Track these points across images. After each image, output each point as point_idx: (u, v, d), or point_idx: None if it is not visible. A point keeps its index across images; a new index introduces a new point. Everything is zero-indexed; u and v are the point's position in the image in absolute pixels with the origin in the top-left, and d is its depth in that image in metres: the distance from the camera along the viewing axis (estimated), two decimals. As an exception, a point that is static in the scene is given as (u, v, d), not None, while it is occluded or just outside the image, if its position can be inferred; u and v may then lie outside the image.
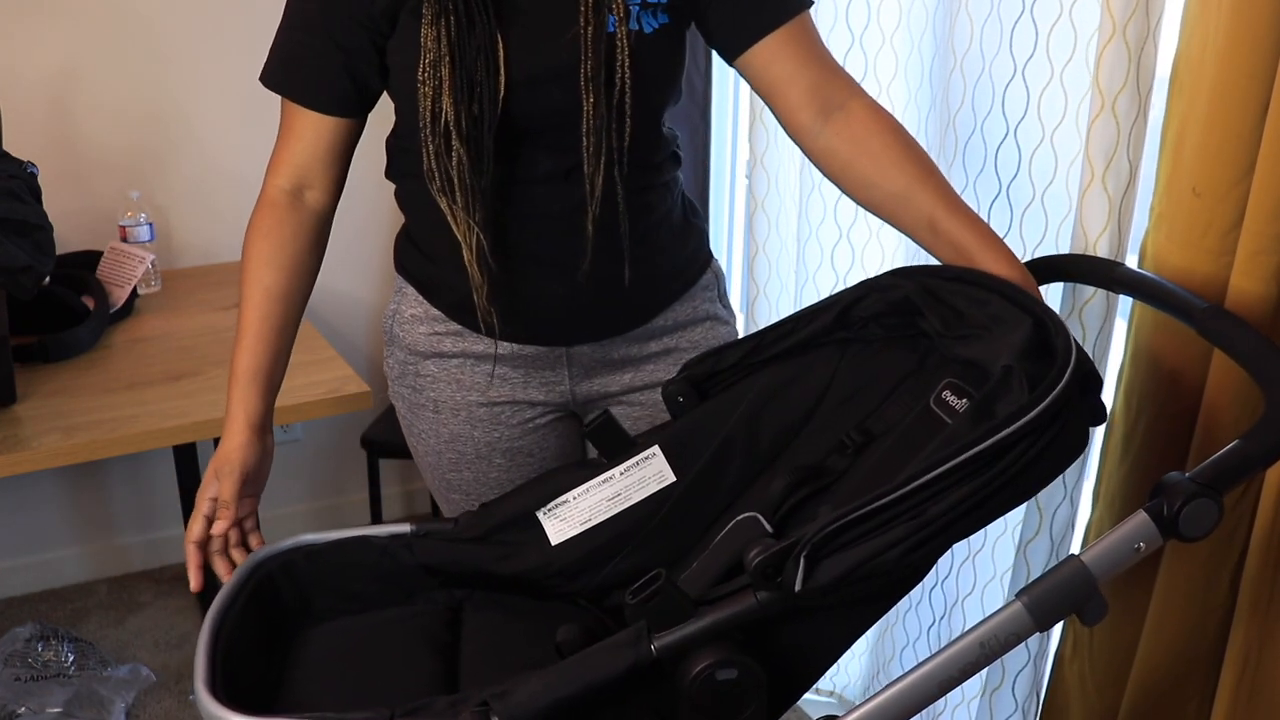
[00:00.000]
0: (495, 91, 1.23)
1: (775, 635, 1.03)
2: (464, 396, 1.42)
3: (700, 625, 0.99)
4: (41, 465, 1.73)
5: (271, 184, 1.35)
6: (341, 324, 2.73)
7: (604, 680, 0.99)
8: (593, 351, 1.41)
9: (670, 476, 1.30)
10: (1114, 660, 1.45)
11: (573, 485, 1.30)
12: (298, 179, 1.34)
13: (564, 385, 1.43)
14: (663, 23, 1.27)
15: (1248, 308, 1.22)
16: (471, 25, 1.22)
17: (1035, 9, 1.49)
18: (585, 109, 1.24)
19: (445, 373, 1.42)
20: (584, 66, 1.23)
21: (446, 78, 1.22)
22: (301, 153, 1.33)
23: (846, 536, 0.97)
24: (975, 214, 1.25)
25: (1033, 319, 1.09)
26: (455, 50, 1.22)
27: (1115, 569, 1.02)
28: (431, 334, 1.42)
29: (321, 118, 1.32)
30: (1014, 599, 1.02)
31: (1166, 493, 1.02)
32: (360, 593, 1.27)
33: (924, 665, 1.02)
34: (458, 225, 1.27)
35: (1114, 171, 1.36)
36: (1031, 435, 0.98)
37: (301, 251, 1.35)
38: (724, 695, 0.99)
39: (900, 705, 1.02)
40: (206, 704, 1.02)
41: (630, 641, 0.99)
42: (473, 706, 0.97)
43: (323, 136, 1.33)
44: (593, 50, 1.23)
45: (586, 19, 1.23)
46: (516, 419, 1.43)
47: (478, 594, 1.30)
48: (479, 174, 1.25)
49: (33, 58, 2.35)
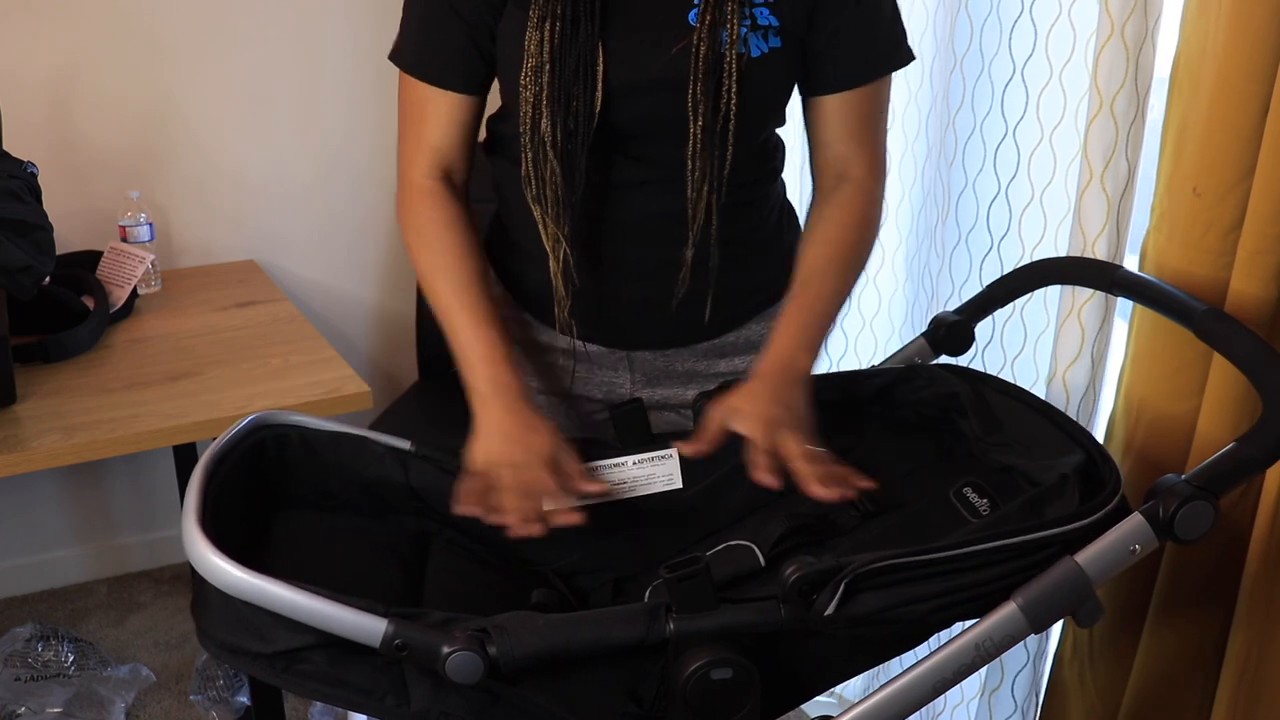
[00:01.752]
0: (591, 106, 1.22)
1: (783, 648, 1.03)
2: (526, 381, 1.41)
3: (719, 621, 0.99)
4: (41, 465, 1.73)
5: (416, 175, 1.31)
6: (341, 324, 2.73)
7: (610, 643, 0.99)
8: (655, 359, 1.40)
9: (679, 482, 1.30)
10: (1114, 661, 1.45)
11: (583, 460, 1.30)
12: (442, 164, 1.31)
13: (625, 389, 1.42)
14: (774, 46, 1.24)
15: (1248, 308, 1.22)
16: (575, 32, 1.20)
17: (1034, 9, 1.49)
18: (692, 132, 1.22)
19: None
20: (693, 88, 1.21)
21: (545, 86, 1.21)
22: (441, 137, 1.31)
23: (888, 578, 0.99)
24: (819, 324, 1.27)
25: (1085, 452, 1.13)
26: (555, 59, 1.20)
27: (1111, 571, 1.02)
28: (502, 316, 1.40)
29: (456, 97, 1.29)
30: (1009, 600, 1.02)
31: (1162, 495, 1.02)
32: (338, 492, 1.25)
33: (919, 666, 1.02)
34: (546, 236, 1.26)
35: (1112, 171, 1.36)
36: (1070, 542, 1.02)
37: (470, 227, 1.32)
38: (716, 695, 0.99)
39: (896, 706, 1.02)
40: (197, 544, 0.98)
41: (649, 614, 0.99)
42: (471, 629, 0.96)
43: (459, 116, 1.30)
44: (704, 71, 1.20)
45: (700, 36, 1.20)
46: (571, 413, 1.43)
47: (447, 532, 1.28)
48: (571, 187, 1.24)
49: (33, 58, 2.34)
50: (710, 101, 1.21)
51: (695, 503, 1.30)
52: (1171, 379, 1.33)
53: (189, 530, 1.00)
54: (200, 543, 0.98)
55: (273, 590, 0.95)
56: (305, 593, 0.95)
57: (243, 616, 0.97)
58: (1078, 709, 1.52)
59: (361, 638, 0.96)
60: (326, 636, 0.96)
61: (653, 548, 1.28)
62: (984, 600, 1.02)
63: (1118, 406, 1.41)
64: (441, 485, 1.27)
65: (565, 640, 0.98)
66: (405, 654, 0.96)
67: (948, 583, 1.00)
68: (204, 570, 0.97)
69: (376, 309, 2.77)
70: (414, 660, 0.97)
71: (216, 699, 2.19)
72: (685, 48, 1.21)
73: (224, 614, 0.98)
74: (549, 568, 1.30)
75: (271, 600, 0.96)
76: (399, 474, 1.27)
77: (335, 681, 0.98)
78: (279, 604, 0.96)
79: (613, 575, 1.30)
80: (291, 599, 0.95)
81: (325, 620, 0.96)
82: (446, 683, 0.96)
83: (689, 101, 1.21)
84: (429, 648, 0.95)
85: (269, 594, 0.96)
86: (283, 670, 0.98)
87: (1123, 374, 1.40)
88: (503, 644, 0.96)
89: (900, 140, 1.87)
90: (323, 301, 2.67)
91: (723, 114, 1.22)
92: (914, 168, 1.86)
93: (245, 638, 0.98)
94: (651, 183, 1.28)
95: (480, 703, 0.99)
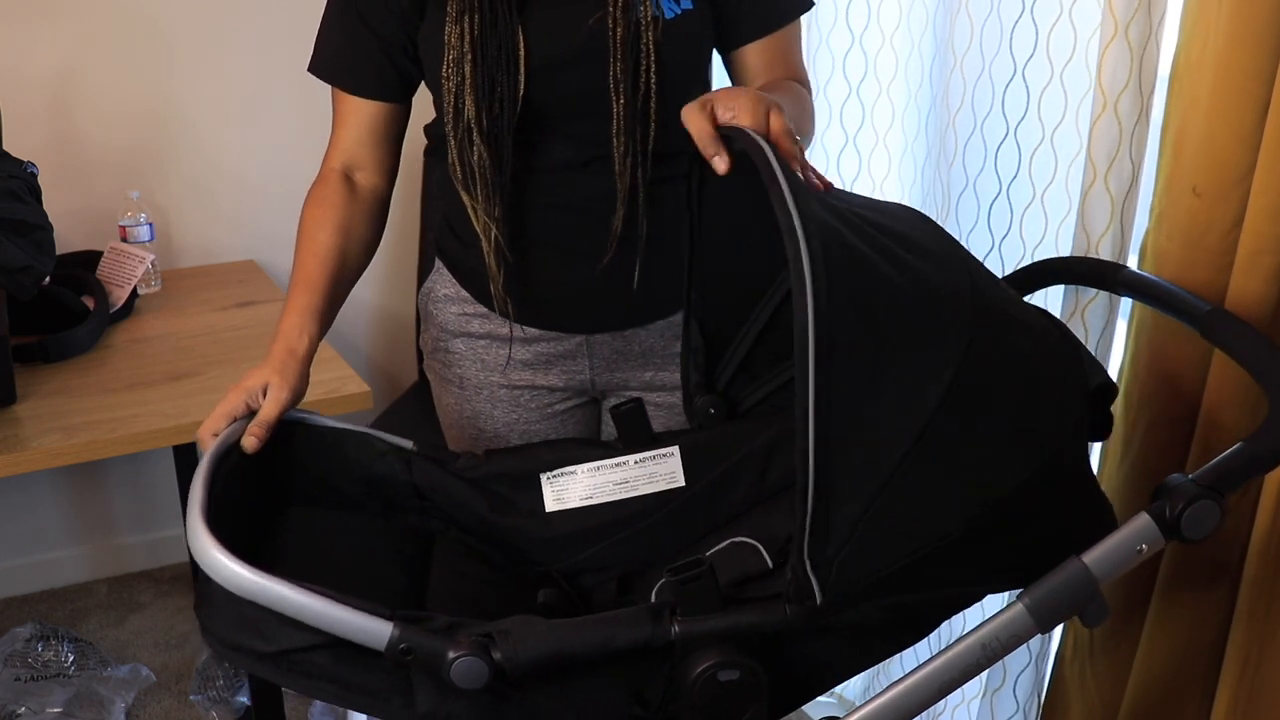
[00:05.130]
0: (515, 88, 1.25)
1: (792, 646, 1.03)
2: (487, 376, 1.44)
3: (724, 622, 0.99)
4: (41, 465, 1.73)
5: (326, 165, 1.39)
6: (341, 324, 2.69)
7: (616, 646, 0.99)
8: (613, 341, 1.42)
9: (681, 480, 1.30)
10: (1114, 661, 1.45)
11: (584, 460, 1.30)
12: (347, 161, 1.38)
13: (585, 375, 1.44)
14: (685, 8, 1.28)
15: (1248, 308, 1.22)
16: (495, 22, 1.24)
17: (1035, 9, 1.49)
18: (615, 109, 1.25)
19: (471, 352, 1.45)
20: (613, 66, 1.25)
21: (469, 75, 1.24)
22: (348, 137, 1.37)
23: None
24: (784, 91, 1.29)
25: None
26: (477, 48, 1.24)
27: (1117, 570, 1.02)
28: (461, 314, 1.44)
29: (363, 102, 1.36)
30: (1015, 600, 1.02)
31: (1169, 494, 1.02)
32: (341, 489, 1.25)
33: (925, 666, 1.02)
34: (477, 219, 1.30)
35: (1116, 171, 1.36)
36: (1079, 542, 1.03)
37: (353, 218, 1.36)
38: (723, 695, 0.99)
39: (901, 706, 1.02)
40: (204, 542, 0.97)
41: (652, 616, 0.99)
42: (476, 634, 0.96)
43: (366, 121, 1.36)
44: (621, 41, 1.24)
45: (615, 4, 1.24)
46: (535, 403, 1.45)
47: (452, 531, 1.29)
48: (499, 169, 1.28)
49: (33, 57, 2.34)
50: (630, 74, 1.25)
51: (698, 500, 1.30)
52: (1172, 379, 1.33)
53: (194, 527, 0.99)
54: (206, 540, 0.98)
55: (278, 590, 0.95)
56: (311, 593, 0.95)
57: (247, 615, 0.97)
58: (1078, 708, 1.52)
59: (367, 641, 0.96)
60: (331, 637, 0.96)
61: (657, 546, 1.28)
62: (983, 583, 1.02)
63: (1118, 406, 1.41)
64: (444, 485, 1.27)
65: (570, 644, 0.98)
66: (410, 658, 0.96)
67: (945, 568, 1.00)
68: (210, 568, 0.97)
69: (376, 309, 2.77)
70: (419, 665, 0.97)
71: (216, 699, 2.19)
72: (602, 17, 1.24)
73: (228, 612, 0.98)
74: (553, 567, 1.30)
75: (277, 600, 0.95)
76: (403, 472, 1.27)
77: (340, 682, 0.98)
78: (284, 604, 0.95)
79: (617, 574, 1.31)
80: (297, 599, 0.95)
81: (330, 622, 0.95)
82: (452, 686, 0.96)
83: (610, 78, 1.25)
84: (434, 652, 0.95)
85: (274, 594, 0.95)
86: (286, 670, 0.98)
87: (1122, 374, 1.40)
88: (507, 649, 0.96)
89: (900, 140, 1.87)
90: (323, 301, 2.68)
91: (644, 80, 1.26)
92: (914, 168, 1.86)
93: (249, 636, 0.98)
94: (594, 163, 1.30)
95: (486, 705, 0.99)
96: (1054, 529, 1.04)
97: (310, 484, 1.24)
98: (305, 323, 1.27)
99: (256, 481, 1.18)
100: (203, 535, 0.98)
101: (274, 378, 1.21)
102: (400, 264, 2.70)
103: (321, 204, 1.36)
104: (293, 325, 1.27)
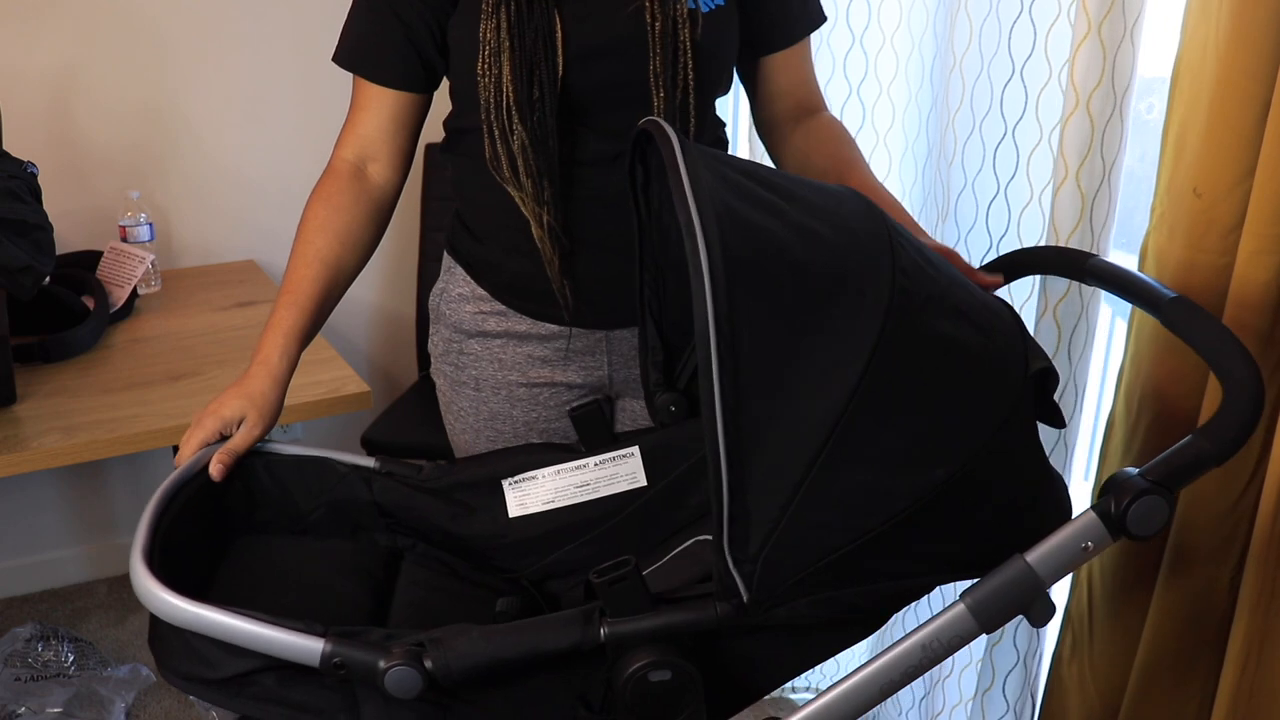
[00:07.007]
0: (554, 71, 1.25)
1: (727, 646, 1.02)
2: (504, 376, 1.43)
3: (654, 622, 0.99)
4: (41, 465, 1.73)
5: (337, 155, 1.37)
6: (341, 324, 2.73)
7: (545, 651, 0.99)
8: (633, 338, 1.42)
9: (642, 480, 1.30)
10: (1113, 661, 1.45)
11: (545, 464, 1.31)
12: (361, 151, 1.37)
13: (603, 370, 1.44)
14: (718, 4, 1.30)
15: (1248, 308, 1.22)
16: (531, 11, 1.24)
17: (1033, 9, 1.49)
18: (655, 102, 1.26)
19: (488, 351, 1.43)
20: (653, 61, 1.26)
21: (506, 65, 1.24)
22: (366, 126, 1.36)
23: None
24: (887, 194, 1.37)
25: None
26: (514, 38, 1.24)
27: (1063, 569, 1.00)
28: (477, 313, 1.43)
29: (385, 91, 1.35)
30: (957, 600, 1.00)
31: (1115, 490, 0.98)
32: (306, 514, 1.26)
33: (865, 668, 1.01)
34: (526, 207, 1.29)
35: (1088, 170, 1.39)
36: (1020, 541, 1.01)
37: (357, 221, 1.36)
38: (656, 697, 0.98)
39: (842, 708, 1.01)
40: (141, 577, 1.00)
41: (581, 620, 0.99)
42: (408, 644, 0.97)
43: (386, 111, 1.36)
44: (660, 34, 1.25)
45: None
46: (554, 400, 1.44)
47: (420, 546, 1.30)
48: (542, 154, 1.27)
49: (33, 57, 2.34)
50: (669, 69, 1.26)
51: (660, 499, 1.30)
52: (1171, 379, 1.33)
53: (135, 564, 1.01)
54: (143, 575, 1.00)
55: (209, 617, 0.97)
56: (242, 617, 0.97)
57: (191, 645, 0.99)
58: (1077, 709, 1.52)
59: (300, 658, 0.97)
60: (272, 659, 0.97)
61: (622, 547, 1.28)
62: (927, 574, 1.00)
63: (1117, 406, 1.41)
64: (408, 501, 1.28)
65: (501, 650, 0.98)
66: (344, 672, 0.97)
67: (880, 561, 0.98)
68: (147, 601, 0.99)
69: (376, 309, 2.77)
70: (353, 677, 0.98)
71: (216, 699, 2.19)
72: (639, 9, 1.26)
73: (174, 643, 1.00)
74: (519, 573, 1.30)
75: (210, 627, 0.97)
76: (364, 493, 1.28)
77: (287, 703, 0.99)
78: (218, 630, 0.97)
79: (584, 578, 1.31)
80: (229, 624, 0.97)
81: (263, 643, 0.97)
82: (395, 699, 0.97)
83: (650, 74, 1.26)
84: (366, 665, 0.96)
85: (208, 621, 0.97)
86: (235, 694, 1.00)
87: (1122, 374, 1.40)
88: (438, 657, 0.96)
89: (900, 140, 1.87)
90: (323, 301, 2.68)
91: (681, 80, 1.27)
92: (913, 168, 1.86)
93: (196, 665, 0.99)
94: (608, 158, 1.31)
95: (430, 716, 1.00)
96: (998, 517, 1.01)
97: (272, 513, 1.25)
98: (287, 345, 1.27)
99: (213, 512, 1.20)
100: (141, 570, 1.00)
101: (251, 412, 1.23)
102: (400, 264, 2.70)
103: (326, 203, 1.35)
104: (274, 346, 1.27)
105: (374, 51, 1.34)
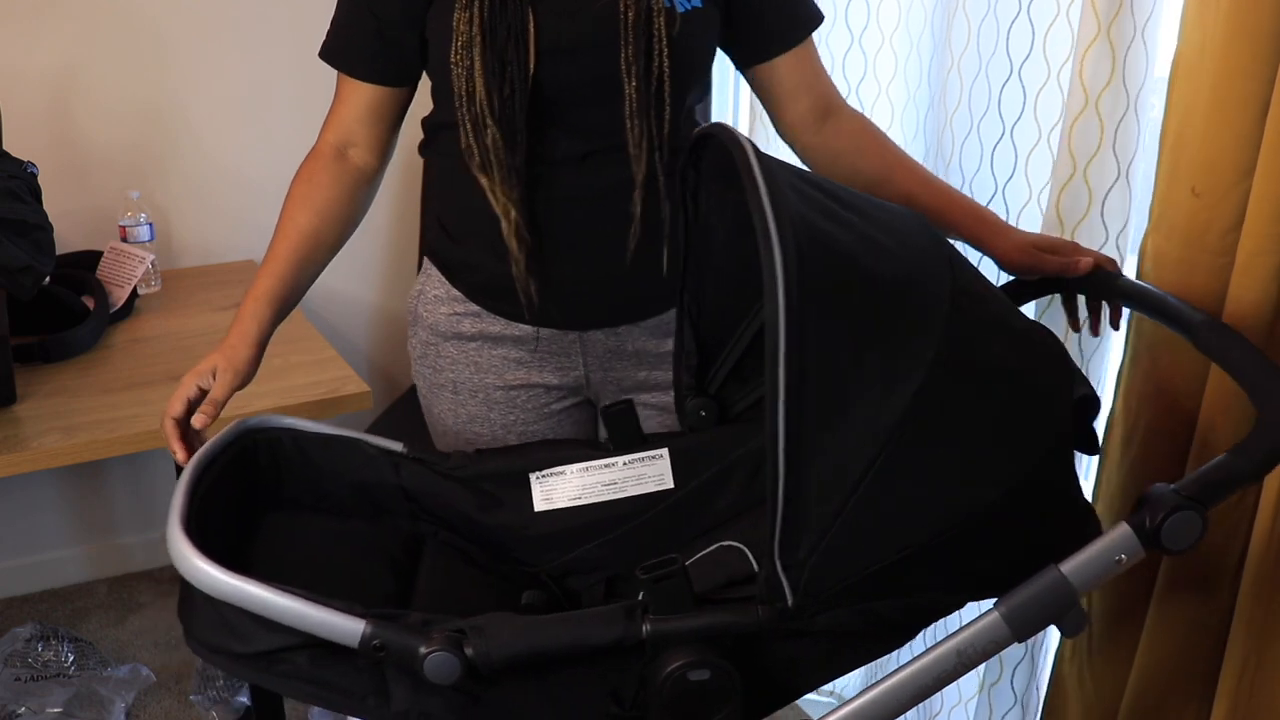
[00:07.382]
0: (525, 69, 1.26)
1: (766, 649, 1.02)
2: (481, 379, 1.43)
3: (697, 622, 0.99)
4: (41, 465, 1.73)
5: (321, 138, 1.42)
6: (341, 324, 2.73)
7: (588, 645, 0.99)
8: (606, 339, 1.42)
9: (670, 482, 1.30)
10: (1114, 661, 1.45)
11: (574, 460, 1.31)
12: (342, 137, 1.40)
13: (579, 371, 1.44)
14: (694, 6, 1.30)
15: (1247, 309, 1.22)
16: (505, 7, 1.24)
17: (1032, 9, 1.49)
18: (627, 93, 1.27)
19: (464, 355, 1.44)
20: (624, 50, 1.26)
21: (478, 58, 1.25)
22: (346, 115, 1.40)
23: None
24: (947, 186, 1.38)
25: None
26: (486, 32, 1.25)
27: (1097, 581, 1.01)
28: (452, 314, 1.44)
29: (361, 84, 1.38)
30: (991, 609, 1.01)
31: (1150, 505, 1.00)
32: (332, 494, 1.27)
33: (899, 673, 1.01)
34: (496, 201, 1.30)
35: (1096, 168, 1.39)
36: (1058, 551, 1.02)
37: (336, 199, 1.39)
38: (693, 696, 0.98)
39: (875, 712, 1.01)
40: (180, 546, 1.00)
41: (625, 615, 0.99)
42: (449, 630, 0.97)
43: (363, 103, 1.39)
44: (633, 27, 1.25)
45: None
46: (532, 403, 1.44)
47: (442, 533, 1.30)
48: (513, 151, 1.28)
49: (33, 57, 2.34)
50: (642, 59, 1.26)
51: (687, 502, 1.30)
52: (1170, 382, 1.33)
53: (173, 533, 1.02)
54: (183, 545, 1.00)
55: (253, 592, 0.97)
56: (285, 594, 0.96)
57: (224, 618, 0.99)
58: (1078, 709, 1.52)
59: (340, 638, 0.97)
60: (307, 637, 0.97)
61: (644, 548, 1.28)
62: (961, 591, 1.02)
63: (1116, 409, 1.41)
64: (434, 488, 1.28)
65: (542, 641, 0.99)
66: (383, 654, 0.96)
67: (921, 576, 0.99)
68: (186, 572, 0.99)
69: (376, 309, 2.77)
70: (392, 660, 0.97)
71: (216, 699, 2.19)
72: (611, 2, 1.26)
73: (207, 615, 1.00)
74: (540, 567, 1.30)
75: (251, 601, 0.97)
76: (391, 476, 1.28)
77: (317, 681, 0.99)
78: (258, 605, 0.97)
79: (605, 576, 1.31)
80: (270, 600, 0.96)
81: (304, 621, 0.97)
82: (426, 684, 0.97)
83: (621, 63, 1.26)
84: (406, 648, 0.96)
85: (250, 596, 0.97)
86: (264, 670, 0.99)
87: (1121, 377, 1.40)
88: (479, 645, 0.96)
89: (898, 139, 1.87)
90: (323, 301, 2.67)
91: (656, 70, 1.27)
92: (913, 168, 1.86)
93: (227, 638, 0.99)
94: (593, 155, 1.31)
95: (460, 703, 0.99)
96: (1033, 542, 1.03)
97: (298, 489, 1.25)
98: (259, 308, 1.32)
99: (243, 487, 1.19)
100: (180, 540, 1.00)
101: (221, 361, 1.28)
102: (400, 264, 2.70)
103: (308, 182, 1.39)
104: (247, 310, 1.32)
105: (349, 46, 1.37)
